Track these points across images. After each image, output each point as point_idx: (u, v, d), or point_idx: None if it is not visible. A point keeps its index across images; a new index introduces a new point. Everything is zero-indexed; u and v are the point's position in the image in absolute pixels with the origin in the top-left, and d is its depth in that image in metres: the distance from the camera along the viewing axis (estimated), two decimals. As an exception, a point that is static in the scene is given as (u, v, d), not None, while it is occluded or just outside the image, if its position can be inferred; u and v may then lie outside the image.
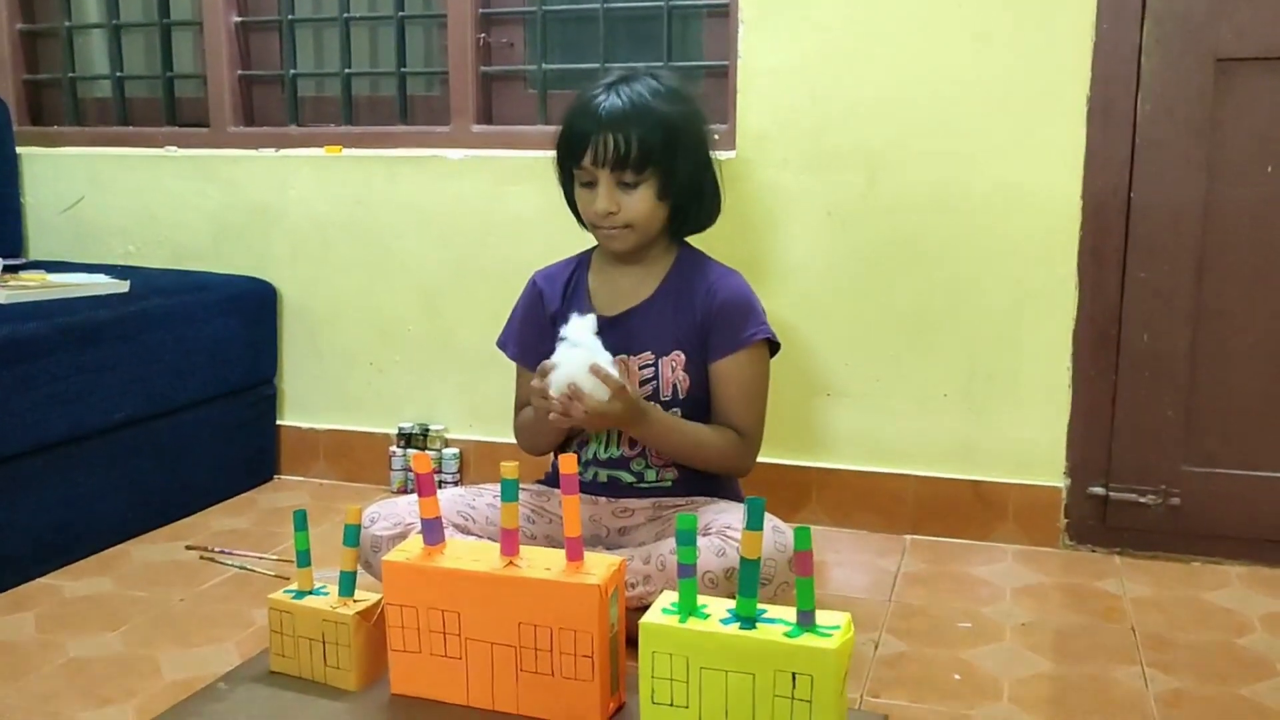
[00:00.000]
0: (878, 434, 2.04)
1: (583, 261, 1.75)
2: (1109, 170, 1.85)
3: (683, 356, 1.64)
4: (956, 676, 1.48)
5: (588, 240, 1.74)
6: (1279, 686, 1.45)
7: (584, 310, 1.68)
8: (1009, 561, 1.91)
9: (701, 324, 1.64)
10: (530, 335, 1.75)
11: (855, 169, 1.97)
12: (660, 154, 1.57)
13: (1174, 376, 1.87)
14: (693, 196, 1.64)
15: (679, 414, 1.65)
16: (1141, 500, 1.90)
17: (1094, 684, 1.46)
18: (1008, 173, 1.90)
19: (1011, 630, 1.63)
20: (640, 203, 1.59)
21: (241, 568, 1.87)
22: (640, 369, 1.65)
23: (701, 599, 1.28)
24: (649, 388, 1.65)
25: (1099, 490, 1.92)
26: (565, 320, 1.70)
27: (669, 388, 1.65)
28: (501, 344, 1.79)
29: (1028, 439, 1.96)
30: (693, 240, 1.74)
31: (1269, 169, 1.80)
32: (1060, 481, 1.95)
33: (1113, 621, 1.66)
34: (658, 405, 1.62)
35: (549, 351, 1.72)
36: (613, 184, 1.58)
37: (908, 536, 2.02)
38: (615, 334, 1.66)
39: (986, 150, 1.90)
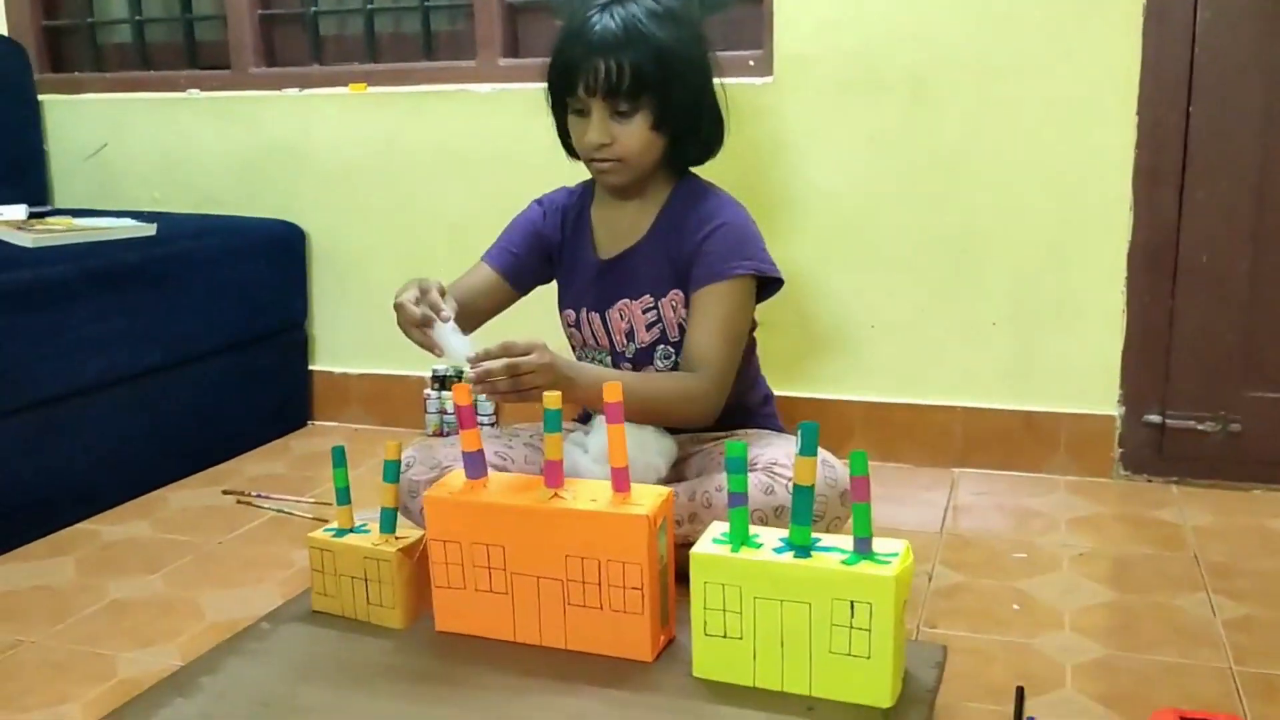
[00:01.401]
0: (924, 365, 1.98)
1: (586, 195, 1.67)
2: (1166, 83, 1.77)
3: (681, 294, 1.55)
4: (1015, 607, 1.43)
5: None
6: (1352, 611, 1.40)
7: (587, 250, 1.62)
8: (1062, 493, 1.86)
9: (690, 257, 1.54)
10: (510, 242, 1.66)
11: (897, 91, 1.90)
12: (655, 81, 1.47)
13: (1234, 298, 1.80)
14: (690, 126, 1.55)
15: None
16: (1200, 427, 1.84)
17: (1159, 612, 1.41)
18: (1058, 89, 1.82)
19: (1069, 560, 1.58)
20: (634, 134, 1.50)
21: (279, 511, 1.85)
22: (643, 313, 1.58)
23: (753, 529, 1.24)
24: (655, 330, 1.58)
25: (1155, 418, 1.87)
26: (569, 253, 1.64)
27: (674, 329, 1.57)
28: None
29: (1080, 367, 1.90)
30: (704, 171, 1.64)
31: (1336, 78, 1.71)
32: (1114, 410, 1.89)
33: (1174, 550, 1.61)
34: (598, 366, 1.54)
35: (526, 264, 1.65)
36: (605, 114, 1.49)
37: (956, 470, 1.97)
38: (614, 278, 1.59)
39: (1035, 66, 1.83)
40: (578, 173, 1.71)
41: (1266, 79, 1.73)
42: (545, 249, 1.67)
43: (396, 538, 1.38)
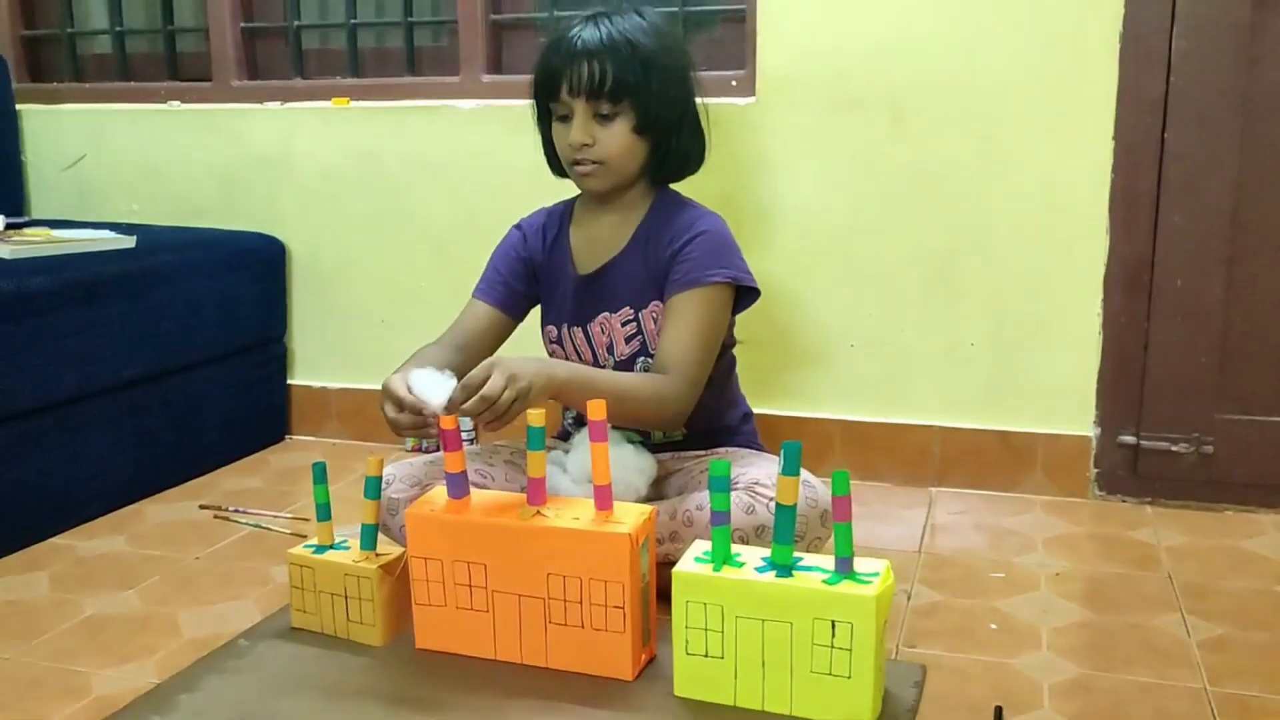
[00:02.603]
0: (902, 384, 1.99)
1: (565, 213, 1.69)
2: (1142, 110, 1.79)
3: (661, 306, 1.56)
4: (993, 626, 1.44)
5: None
6: (1324, 633, 1.42)
7: (566, 266, 1.63)
8: (1038, 512, 1.87)
9: (668, 264, 1.55)
10: (498, 273, 1.67)
11: (879, 111, 1.92)
12: (637, 84, 1.50)
13: (1208, 322, 1.82)
14: (671, 133, 1.56)
15: None
16: (1174, 449, 1.86)
17: (1135, 632, 1.42)
18: (1036, 113, 1.85)
19: (1046, 580, 1.59)
20: (616, 136, 1.52)
21: (256, 526, 1.84)
22: (622, 325, 1.59)
23: (735, 547, 1.25)
24: (635, 343, 1.59)
25: (1130, 439, 1.89)
26: (550, 270, 1.64)
27: (654, 340, 1.57)
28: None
29: (1057, 387, 1.92)
30: (686, 189, 1.66)
31: (1308, 106, 1.74)
32: (1090, 430, 1.91)
33: (1148, 570, 1.62)
34: (573, 364, 1.53)
35: (518, 291, 1.65)
36: (588, 115, 1.52)
37: (933, 488, 1.99)
38: (593, 292, 1.60)
39: (1013, 90, 1.85)
40: (560, 189, 1.72)
41: (1241, 106, 1.76)
42: (530, 271, 1.67)
43: (377, 554, 1.38)
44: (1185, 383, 1.85)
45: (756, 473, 1.47)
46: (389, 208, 2.24)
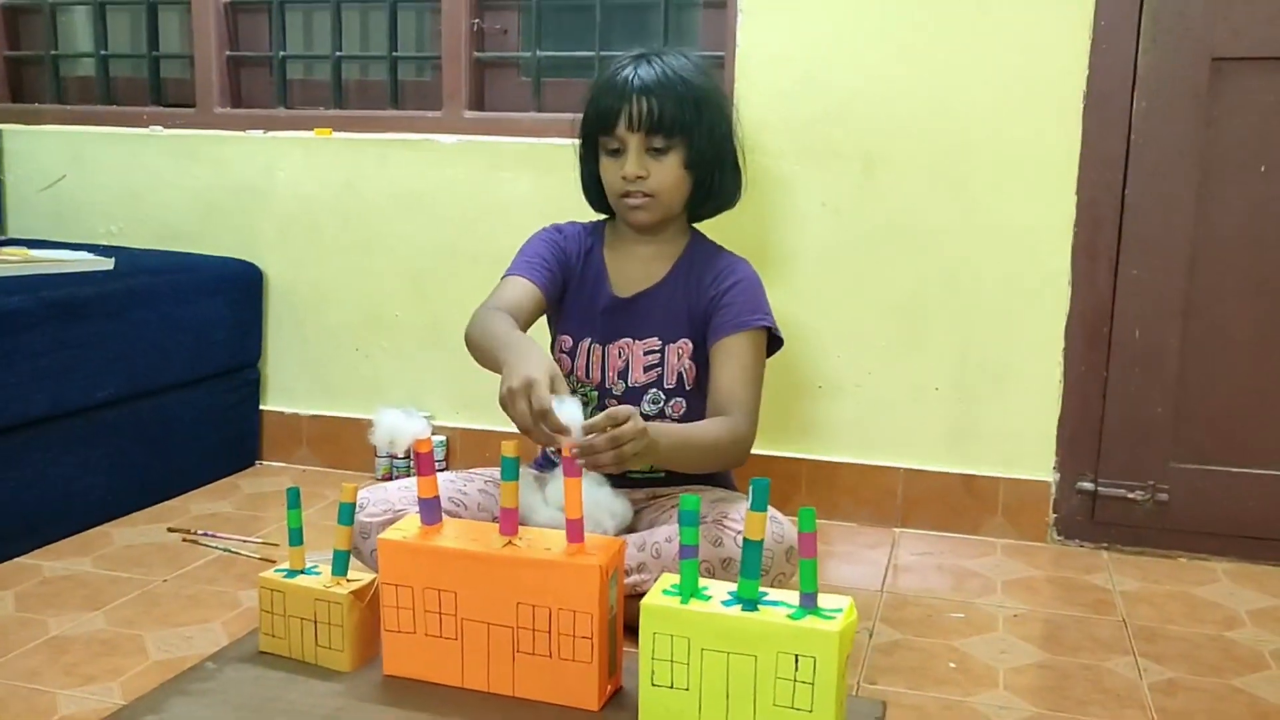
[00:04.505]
0: (869, 426, 2.03)
1: (597, 233, 1.73)
2: (1104, 166, 1.86)
3: (690, 345, 1.63)
4: (952, 665, 1.48)
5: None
6: (1271, 678, 1.46)
7: (603, 283, 1.67)
8: (998, 555, 1.91)
9: (707, 308, 1.62)
10: (541, 257, 1.66)
11: (851, 159, 1.97)
12: (690, 120, 1.57)
13: (1164, 373, 1.88)
14: (716, 168, 1.64)
15: (683, 404, 1.64)
16: (1130, 496, 1.91)
17: (1088, 673, 1.46)
18: (1003, 166, 1.91)
19: (1004, 621, 1.63)
20: (667, 170, 1.59)
21: (225, 550, 1.84)
22: (644, 354, 1.64)
23: (702, 581, 1.27)
24: (653, 374, 1.63)
25: (1088, 485, 1.93)
26: (581, 281, 1.68)
27: (674, 375, 1.63)
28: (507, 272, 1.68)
29: (1018, 433, 1.96)
30: (707, 226, 1.74)
31: (1262, 168, 1.81)
32: (1050, 476, 1.96)
33: (1103, 614, 1.66)
34: (658, 423, 1.56)
35: (557, 278, 1.65)
36: (642, 149, 1.58)
37: (897, 529, 2.02)
38: (624, 316, 1.65)
39: (982, 143, 1.91)
40: (538, 225, 1.75)
41: (1198, 166, 1.82)
42: (567, 268, 1.70)
43: (348, 580, 1.39)
44: (1142, 432, 1.90)
45: (726, 508, 1.51)
46: (367, 238, 2.27)
